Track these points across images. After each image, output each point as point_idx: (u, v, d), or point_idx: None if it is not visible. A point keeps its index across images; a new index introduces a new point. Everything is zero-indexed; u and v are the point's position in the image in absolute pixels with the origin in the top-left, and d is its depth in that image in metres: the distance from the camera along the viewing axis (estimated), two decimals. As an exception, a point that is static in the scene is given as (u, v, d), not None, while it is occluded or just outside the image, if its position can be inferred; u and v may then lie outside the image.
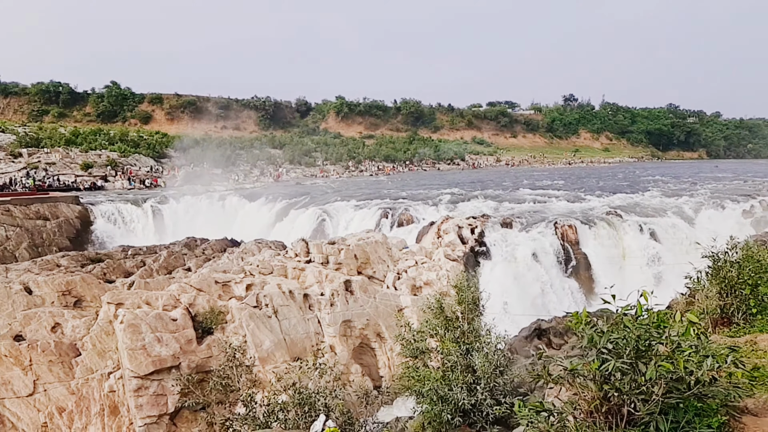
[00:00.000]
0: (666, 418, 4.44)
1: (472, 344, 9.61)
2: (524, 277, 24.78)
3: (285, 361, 16.89)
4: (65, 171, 55.70)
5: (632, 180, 65.68)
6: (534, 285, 24.54)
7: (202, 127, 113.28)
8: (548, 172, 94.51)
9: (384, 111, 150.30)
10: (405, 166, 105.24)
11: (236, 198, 45.38)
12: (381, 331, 19.65)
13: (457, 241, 26.05)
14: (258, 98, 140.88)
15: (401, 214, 34.59)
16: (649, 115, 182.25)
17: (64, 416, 14.28)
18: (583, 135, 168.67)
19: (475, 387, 8.85)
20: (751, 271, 8.68)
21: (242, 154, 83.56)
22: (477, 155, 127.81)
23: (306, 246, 23.46)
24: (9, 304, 16.38)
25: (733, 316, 8.69)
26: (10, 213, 31.25)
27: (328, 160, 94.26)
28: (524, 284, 24.45)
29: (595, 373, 4.62)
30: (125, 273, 22.99)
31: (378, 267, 23.18)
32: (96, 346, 15.49)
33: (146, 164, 66.59)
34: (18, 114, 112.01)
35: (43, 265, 22.07)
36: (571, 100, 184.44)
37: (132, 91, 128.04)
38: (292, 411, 10.20)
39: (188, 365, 15.42)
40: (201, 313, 17.01)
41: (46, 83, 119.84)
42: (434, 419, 8.86)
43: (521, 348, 15.29)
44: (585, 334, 4.79)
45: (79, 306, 18.05)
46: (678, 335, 4.59)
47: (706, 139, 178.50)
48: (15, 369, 14.27)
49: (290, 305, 18.39)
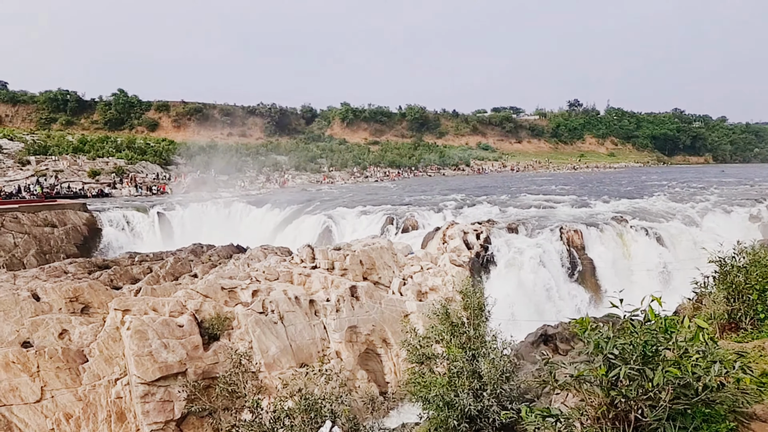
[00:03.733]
0: (674, 425, 4.42)
1: (478, 350, 9.59)
2: (530, 283, 24.69)
3: (291, 367, 16.89)
4: (73, 178, 56.10)
5: (638, 185, 65.42)
6: (540, 290, 24.45)
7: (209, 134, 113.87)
8: (553, 177, 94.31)
9: (389, 117, 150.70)
10: (410, 172, 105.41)
11: (242, 204, 45.51)
12: (387, 337, 19.62)
13: (463, 246, 26.01)
14: (264, 105, 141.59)
15: (406, 220, 34.60)
16: (655, 120, 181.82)
17: (72, 423, 14.32)
18: (589, 140, 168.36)
19: (481, 393, 8.83)
20: (758, 276, 8.61)
21: (248, 160, 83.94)
22: (482, 161, 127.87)
23: (311, 252, 23.49)
24: (17, 311, 16.48)
25: (741, 321, 8.64)
26: (18, 220, 31.50)
27: (333, 167, 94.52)
28: (530, 289, 24.37)
29: (601, 379, 4.61)
30: (132, 279, 23.09)
31: (383, 273, 23.17)
32: (103, 353, 15.55)
33: (153, 171, 66.98)
34: (26, 122, 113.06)
35: (50, 271, 22.20)
36: (576, 106, 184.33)
37: (139, 98, 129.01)
38: (298, 417, 10.20)
39: (195, 371, 15.44)
40: (207, 319, 17.05)
41: (54, 91, 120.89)
42: (440, 425, 8.84)
43: (527, 354, 15.23)
44: (591, 340, 4.78)
45: (86, 312, 18.12)
46: (685, 341, 4.58)
47: (712, 144, 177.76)
48: (22, 375, 14.33)
49: (296, 311, 18.41)
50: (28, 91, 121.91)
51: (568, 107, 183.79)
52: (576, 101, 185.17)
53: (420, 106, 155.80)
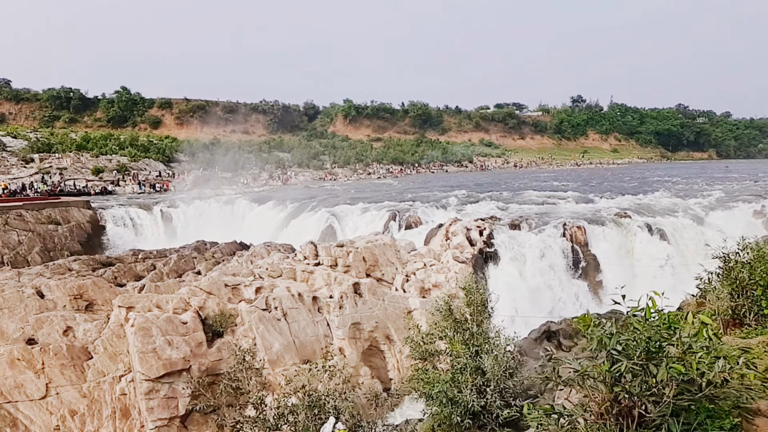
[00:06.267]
0: (677, 420, 4.41)
1: (482, 346, 9.59)
2: (533, 279, 24.67)
3: (294, 363, 16.94)
4: (76, 176, 56.28)
5: (641, 181, 65.19)
6: (543, 287, 24.43)
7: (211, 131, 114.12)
8: (556, 173, 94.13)
9: (392, 114, 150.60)
10: (413, 168, 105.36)
11: (245, 201, 45.55)
12: (390, 334, 19.65)
13: (466, 243, 25.98)
14: (266, 102, 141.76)
15: (409, 217, 34.55)
16: (658, 116, 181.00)
17: (76, 419, 14.41)
18: (592, 136, 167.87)
19: (484, 389, 8.84)
20: (762, 272, 8.58)
21: (251, 157, 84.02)
22: (485, 157, 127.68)
23: (315, 249, 23.51)
24: (21, 308, 16.56)
25: (745, 317, 8.61)
26: (22, 218, 31.62)
27: (336, 163, 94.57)
28: (533, 286, 24.34)
29: (605, 374, 4.60)
30: (136, 277, 23.17)
31: (386, 269, 23.19)
32: (107, 350, 15.62)
33: (156, 168, 67.15)
34: (30, 120, 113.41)
35: (54, 269, 22.30)
36: (579, 101, 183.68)
37: (142, 96, 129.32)
38: (301, 413, 10.24)
39: (199, 368, 15.50)
40: (211, 316, 17.10)
41: (57, 89, 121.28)
42: (444, 421, 8.86)
43: (531, 350, 15.23)
44: (594, 336, 4.77)
45: (90, 310, 18.20)
46: (689, 336, 4.57)
47: (716, 140, 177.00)
48: (28, 372, 14.42)
49: (299, 308, 18.44)
50: (32, 89, 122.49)
51: (571, 103, 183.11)
52: (579, 97, 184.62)
53: (423, 103, 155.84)
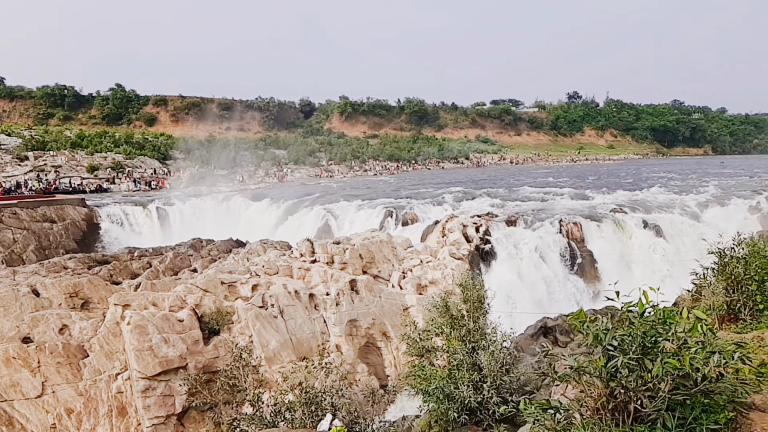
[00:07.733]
0: (673, 415, 4.43)
1: (478, 342, 9.61)
2: (530, 275, 24.73)
3: (291, 360, 16.94)
4: (71, 173, 56.00)
5: (637, 177, 65.39)
6: (539, 283, 24.49)
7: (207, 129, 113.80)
8: (553, 170, 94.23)
9: (388, 110, 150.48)
10: (409, 165, 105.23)
11: (241, 199, 45.44)
12: (387, 330, 19.66)
13: (462, 239, 26.01)
14: (262, 99, 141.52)
15: (406, 213, 34.54)
16: (654, 112, 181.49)
17: (73, 417, 14.37)
18: (588, 132, 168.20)
19: (481, 385, 8.85)
20: (758, 267, 8.62)
21: (246, 155, 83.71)
22: (481, 154, 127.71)
23: (311, 246, 23.49)
24: (17, 307, 16.49)
25: (740, 312, 8.65)
26: (17, 216, 31.45)
27: (332, 161, 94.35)
28: (530, 282, 24.40)
29: (601, 370, 4.61)
30: (132, 275, 23.09)
31: (383, 266, 23.19)
32: (103, 348, 15.58)
33: (151, 166, 66.82)
34: (24, 117, 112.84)
35: (50, 267, 22.20)
36: (575, 98, 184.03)
37: (136, 93, 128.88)
38: (298, 410, 10.23)
39: (195, 366, 15.48)
40: (207, 313, 17.08)
41: (51, 86, 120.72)
42: (441, 417, 8.88)
43: (527, 346, 15.27)
44: (590, 332, 4.78)
45: (86, 308, 18.13)
46: (684, 332, 4.58)
47: (712, 135, 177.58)
48: (23, 371, 14.37)
49: (296, 305, 18.43)
50: (26, 87, 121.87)
51: (568, 99, 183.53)
52: (575, 93, 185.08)
53: (419, 99, 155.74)
